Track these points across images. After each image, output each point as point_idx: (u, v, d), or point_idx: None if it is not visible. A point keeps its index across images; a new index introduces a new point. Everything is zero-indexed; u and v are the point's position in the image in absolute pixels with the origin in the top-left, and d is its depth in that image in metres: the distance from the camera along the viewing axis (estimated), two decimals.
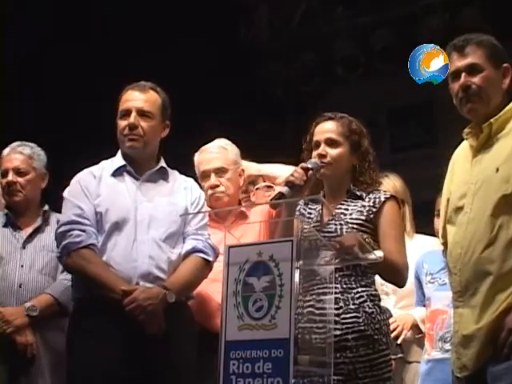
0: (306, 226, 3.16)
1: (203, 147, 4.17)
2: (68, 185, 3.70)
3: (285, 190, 3.14)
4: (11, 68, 6.38)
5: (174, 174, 3.77)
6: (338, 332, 3.06)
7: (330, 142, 3.33)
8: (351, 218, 3.26)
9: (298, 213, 3.38)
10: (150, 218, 3.56)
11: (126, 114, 3.63)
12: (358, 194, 3.33)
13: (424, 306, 4.14)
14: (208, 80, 6.98)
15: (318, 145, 3.35)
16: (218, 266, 3.37)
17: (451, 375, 3.04)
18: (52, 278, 4.08)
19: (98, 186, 3.60)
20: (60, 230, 3.57)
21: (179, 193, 3.70)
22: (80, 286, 3.59)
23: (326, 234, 3.20)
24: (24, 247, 4.10)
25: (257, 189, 4.20)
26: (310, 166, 3.24)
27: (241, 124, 6.42)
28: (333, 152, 3.32)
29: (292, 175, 3.19)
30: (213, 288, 3.70)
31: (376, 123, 8.22)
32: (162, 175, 3.72)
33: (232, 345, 2.74)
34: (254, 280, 2.75)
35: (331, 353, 2.78)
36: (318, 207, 3.37)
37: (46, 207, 4.24)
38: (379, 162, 3.49)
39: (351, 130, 3.37)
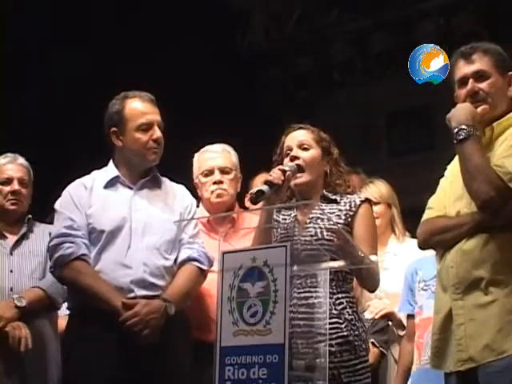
0: (282, 232, 3.29)
1: (205, 147, 4.18)
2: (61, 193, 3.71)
3: (264, 187, 3.18)
4: (11, 68, 6.38)
5: (165, 182, 3.78)
6: (323, 338, 3.06)
7: (302, 146, 3.40)
8: (330, 224, 3.29)
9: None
10: (144, 226, 3.57)
11: (149, 127, 3.62)
12: (332, 197, 3.39)
13: (412, 313, 4.10)
14: (203, 86, 6.98)
15: (289, 150, 3.41)
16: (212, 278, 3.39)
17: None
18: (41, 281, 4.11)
19: (90, 197, 3.61)
20: (52, 243, 3.59)
21: (172, 200, 3.71)
22: (75, 296, 3.61)
23: (307, 238, 3.25)
24: (11, 254, 4.14)
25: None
26: (286, 168, 3.30)
27: (236, 129, 6.42)
28: (305, 155, 3.38)
29: (270, 175, 3.25)
30: (208, 300, 3.74)
31: (374, 128, 8.25)
32: (155, 183, 3.73)
33: (227, 350, 2.74)
34: (248, 286, 2.74)
35: (326, 357, 2.78)
36: (292, 213, 3.42)
37: (30, 216, 4.29)
38: (377, 167, 3.53)
39: (321, 137, 3.45)
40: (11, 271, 4.08)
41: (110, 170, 3.70)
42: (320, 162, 3.41)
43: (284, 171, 3.27)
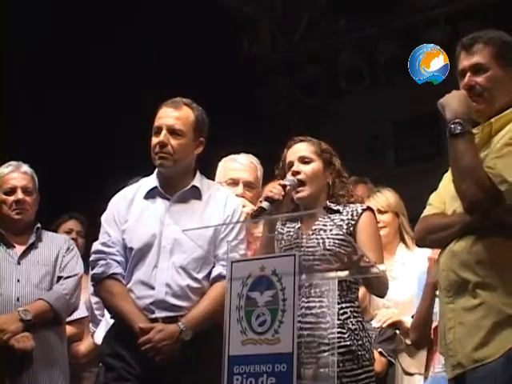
0: (286, 244, 3.31)
1: (233, 155, 4.14)
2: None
3: (265, 204, 3.21)
4: (11, 68, 6.39)
5: (209, 189, 3.67)
6: (327, 347, 3.06)
7: (303, 160, 3.42)
8: (332, 234, 3.30)
9: (276, 232, 3.43)
10: (173, 243, 3.51)
11: (158, 131, 3.59)
12: (335, 208, 3.40)
13: None
14: (210, 93, 6.98)
15: (291, 165, 3.43)
16: None
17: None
18: (48, 291, 4.14)
19: (128, 210, 3.60)
20: (90, 258, 3.64)
21: (211, 212, 3.60)
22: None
23: (310, 249, 3.26)
24: (19, 263, 4.17)
25: None
26: (287, 182, 3.33)
27: (243, 137, 6.43)
28: (306, 169, 3.40)
29: (271, 191, 3.27)
30: None
31: (380, 136, 8.23)
32: (195, 194, 3.64)
33: (236, 359, 2.75)
34: (256, 294, 2.75)
35: (334, 367, 2.78)
36: (296, 225, 3.43)
37: (39, 224, 4.32)
38: (383, 175, 3.53)
39: (322, 149, 3.47)
40: (18, 281, 4.11)
41: (152, 180, 3.68)
42: (322, 174, 3.43)
43: (284, 186, 3.29)
